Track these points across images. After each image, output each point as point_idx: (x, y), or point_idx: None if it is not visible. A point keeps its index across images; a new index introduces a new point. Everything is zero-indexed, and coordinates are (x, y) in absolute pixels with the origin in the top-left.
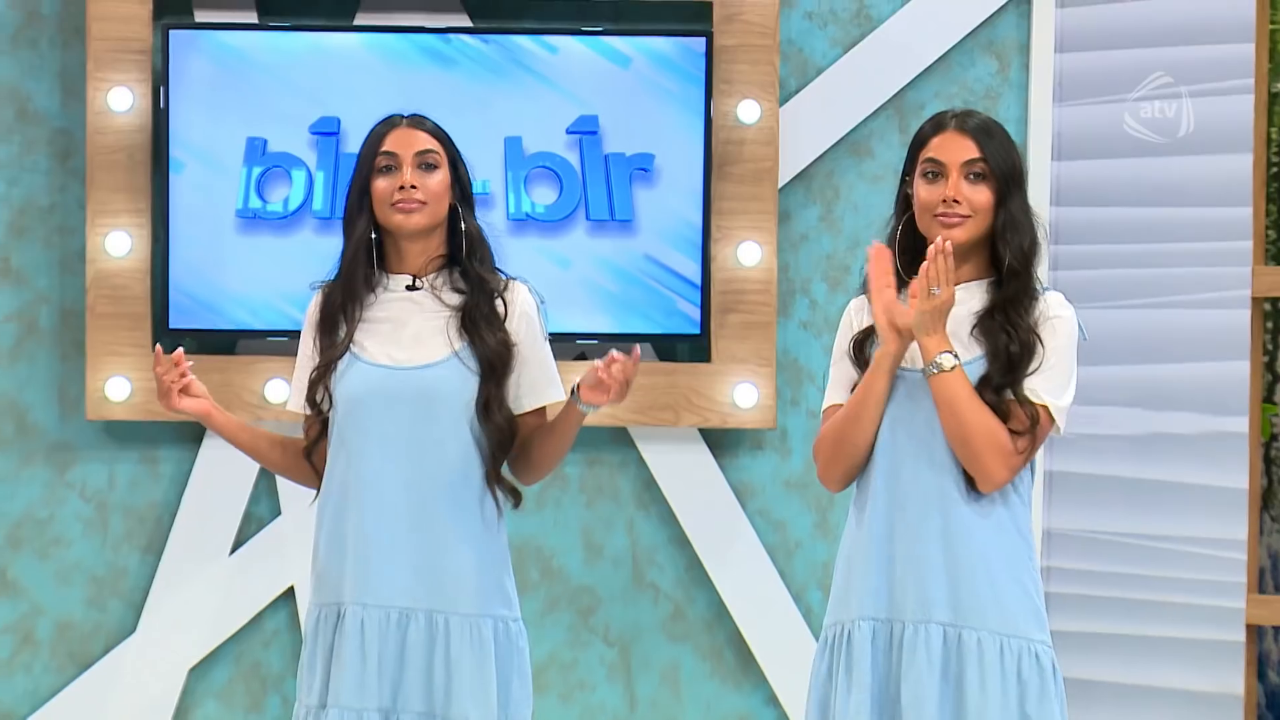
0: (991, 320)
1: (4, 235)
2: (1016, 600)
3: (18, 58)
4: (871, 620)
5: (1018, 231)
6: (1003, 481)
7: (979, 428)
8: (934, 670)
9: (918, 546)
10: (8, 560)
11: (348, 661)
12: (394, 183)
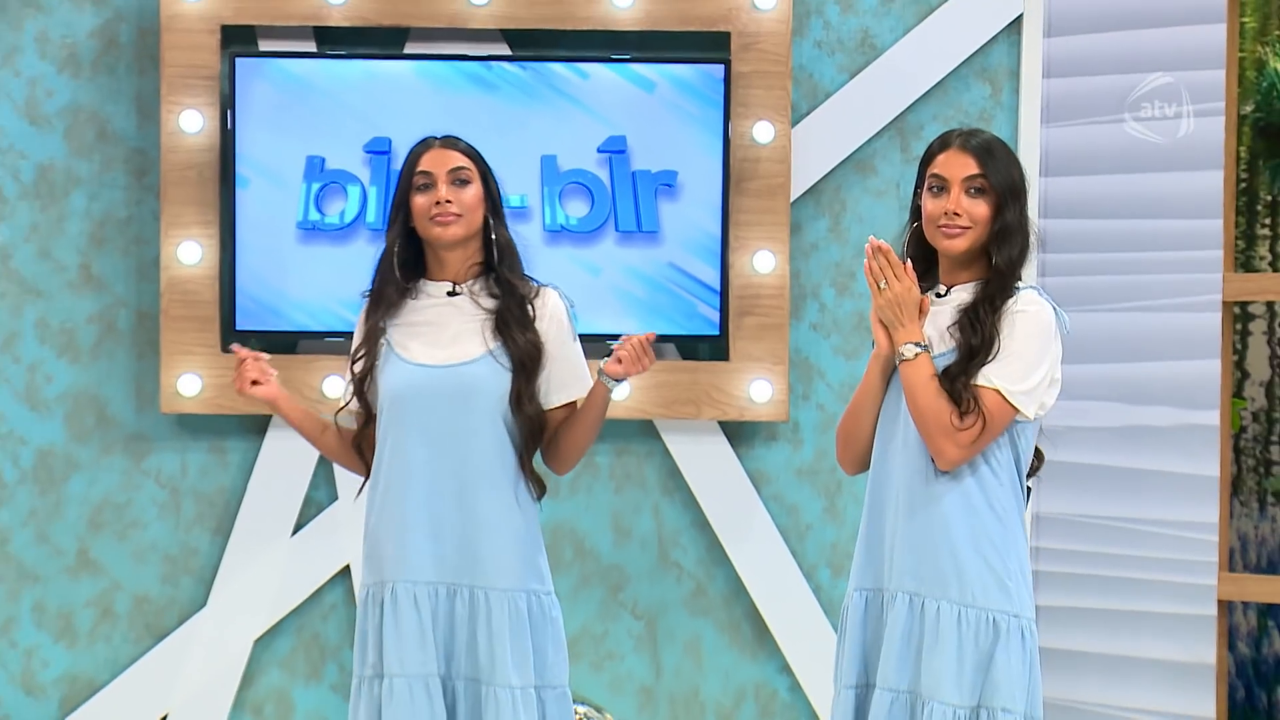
0: (965, 317)
1: (86, 245)
2: (977, 572)
3: (98, 84)
4: (864, 590)
5: (1009, 242)
6: (955, 460)
7: (928, 410)
8: (902, 634)
9: (893, 522)
10: (89, 541)
11: (403, 633)
12: (431, 198)
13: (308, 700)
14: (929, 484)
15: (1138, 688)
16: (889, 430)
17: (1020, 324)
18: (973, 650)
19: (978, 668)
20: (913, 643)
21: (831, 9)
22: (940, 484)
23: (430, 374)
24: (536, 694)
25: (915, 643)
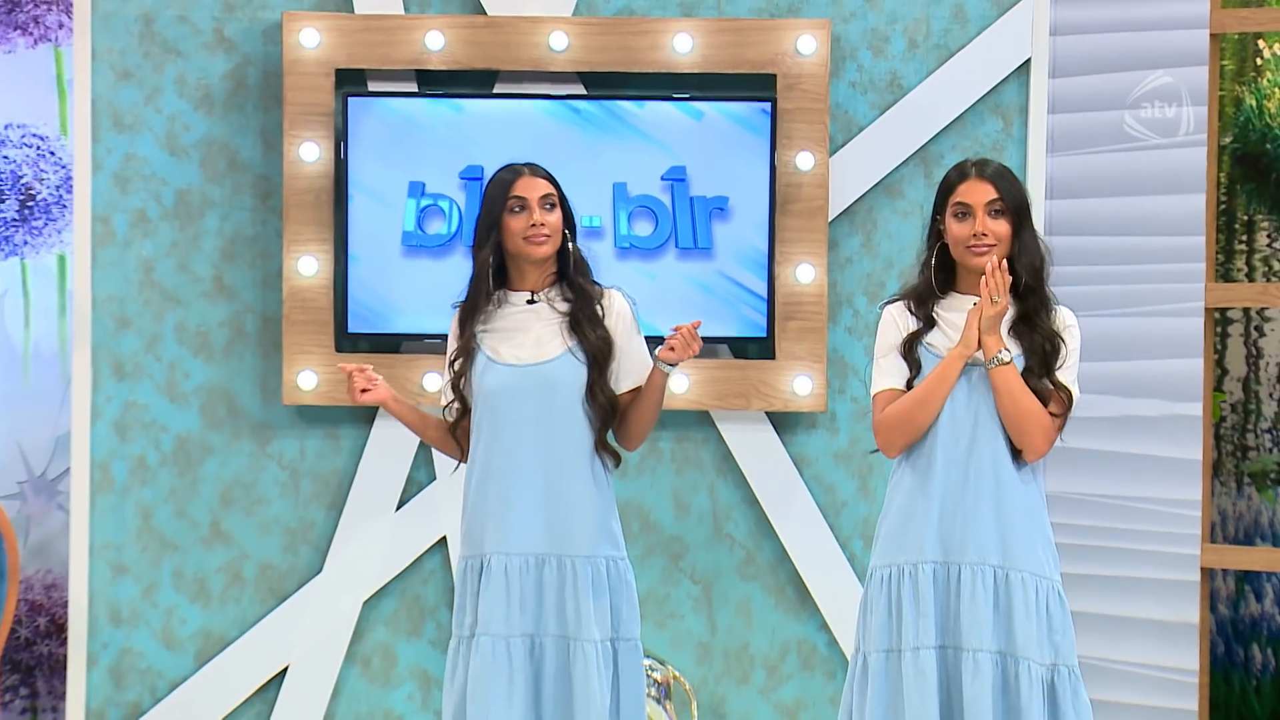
0: (1024, 326)
1: (218, 259)
2: (1043, 549)
3: (228, 120)
4: (932, 563)
5: (1030, 254)
6: (1044, 452)
7: (1032, 409)
8: (988, 603)
9: (973, 505)
10: (220, 515)
11: (496, 599)
12: (526, 220)
13: (409, 654)
14: (1012, 472)
15: (1131, 644)
16: (958, 423)
17: (1070, 337)
18: (1044, 615)
19: (1048, 629)
20: (1000, 608)
21: (864, 54)
22: (1022, 473)
23: (518, 373)
24: (612, 646)
25: (1005, 609)
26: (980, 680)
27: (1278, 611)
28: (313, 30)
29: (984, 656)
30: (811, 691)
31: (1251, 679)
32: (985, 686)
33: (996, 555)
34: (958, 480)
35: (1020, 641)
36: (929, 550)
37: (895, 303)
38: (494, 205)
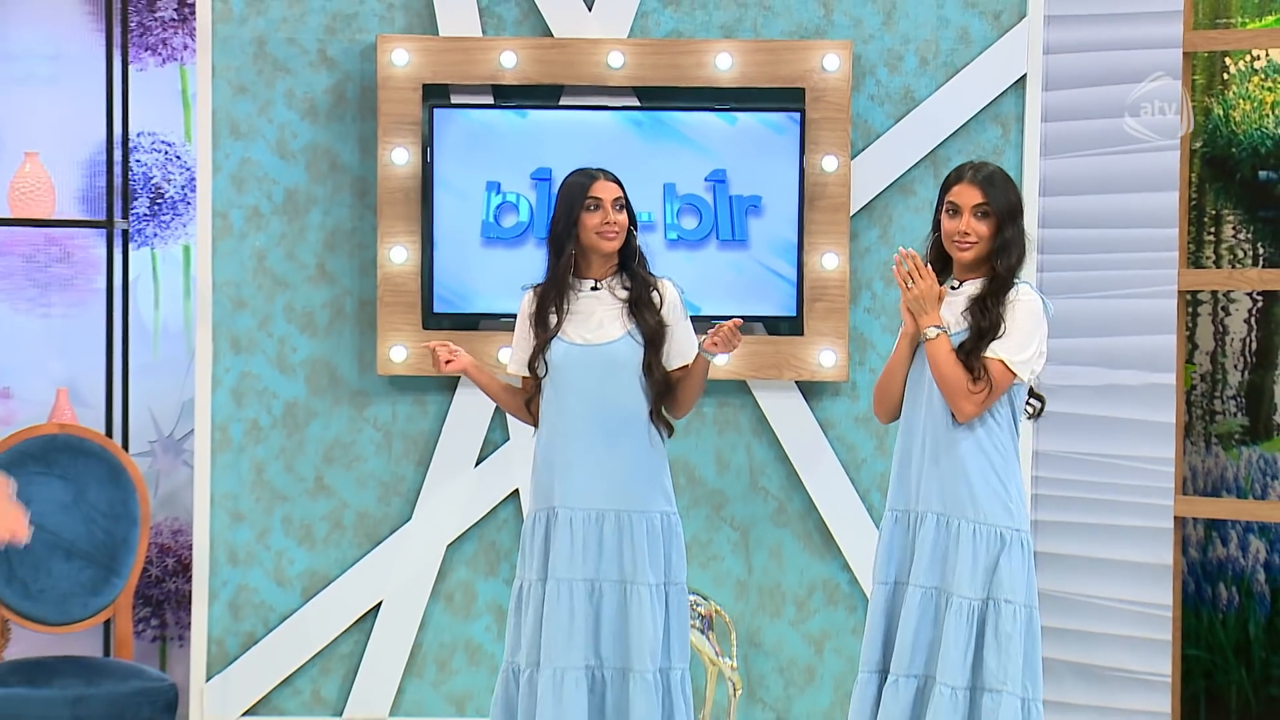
0: (977, 307)
1: (321, 249)
2: (986, 498)
3: (330, 128)
4: (896, 511)
5: (1008, 253)
6: (971, 414)
7: (950, 377)
8: (928, 545)
9: (919, 460)
10: (323, 470)
11: (561, 547)
12: (600, 218)
13: (486, 591)
14: (950, 432)
15: (1114, 582)
16: (915, 392)
17: (1018, 310)
18: (984, 556)
19: (987, 569)
20: (939, 551)
21: (881, 71)
22: (958, 432)
23: (585, 351)
24: (664, 589)
25: (941, 551)
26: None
27: (1241, 555)
28: (403, 50)
29: (918, 591)
30: (835, 623)
31: (1218, 613)
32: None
33: (938, 503)
34: (914, 441)
35: (950, 577)
36: (896, 500)
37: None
38: (573, 204)
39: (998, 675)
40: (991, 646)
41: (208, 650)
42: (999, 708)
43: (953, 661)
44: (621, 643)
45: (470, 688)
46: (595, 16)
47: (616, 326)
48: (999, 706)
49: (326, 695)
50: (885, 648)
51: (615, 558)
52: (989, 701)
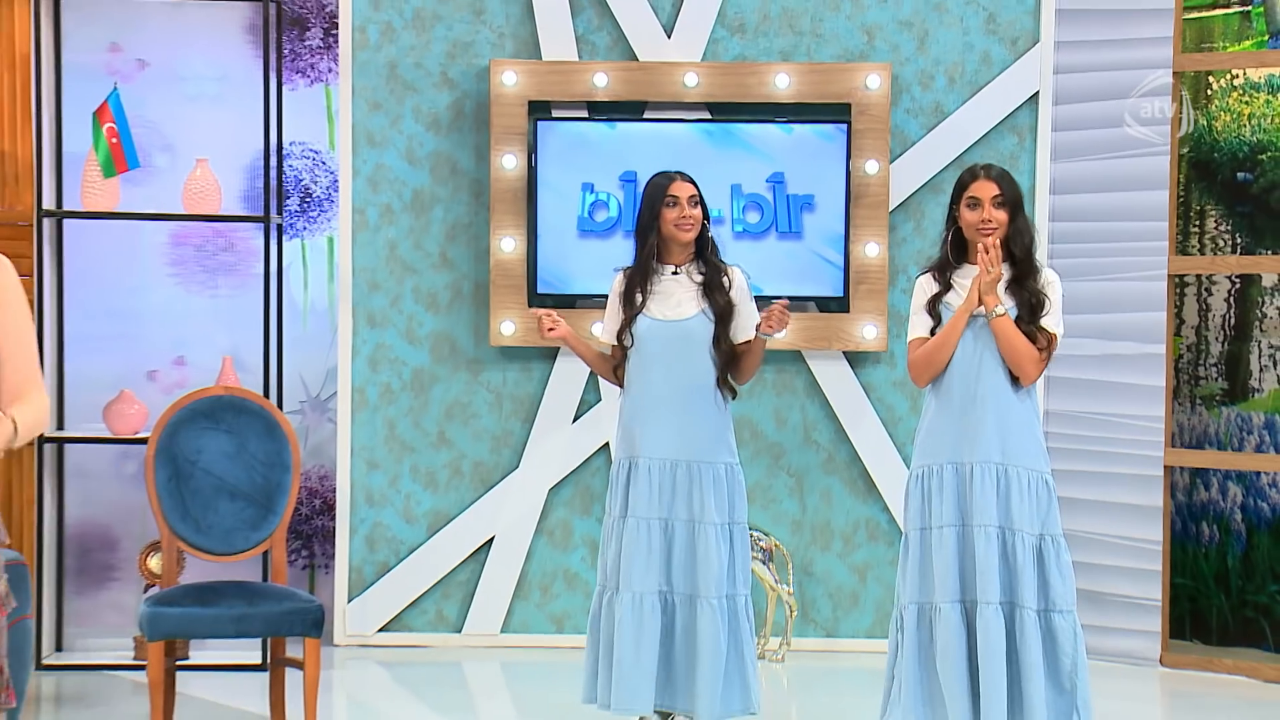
0: (1017, 286)
1: (443, 240)
2: (1034, 450)
3: (450, 138)
4: (953, 463)
5: (1022, 235)
6: (1035, 378)
7: (1024, 348)
8: (992, 489)
9: (981, 417)
10: (445, 426)
11: (640, 491)
12: (678, 213)
13: (581, 527)
14: (1011, 395)
15: (1112, 521)
16: (972, 361)
17: (1053, 293)
18: (1038, 498)
19: (1041, 510)
20: (1002, 495)
21: (915, 89)
22: (1018, 395)
23: (664, 326)
24: (729, 528)
25: (1004, 495)
26: (989, 547)
27: (1221, 498)
28: (512, 72)
29: (991, 530)
30: (876, 555)
31: (1201, 548)
32: (992, 551)
33: (998, 455)
34: (969, 402)
35: (1015, 518)
36: (948, 454)
37: (925, 273)
38: (655, 201)
39: (1065, 598)
40: (1055, 574)
41: (348, 577)
42: (1067, 625)
43: (1028, 588)
44: (690, 573)
45: (568, 609)
46: (673, 43)
47: (692, 306)
48: (1066, 624)
49: (448, 615)
50: (962, 581)
51: (685, 501)
52: (1059, 620)
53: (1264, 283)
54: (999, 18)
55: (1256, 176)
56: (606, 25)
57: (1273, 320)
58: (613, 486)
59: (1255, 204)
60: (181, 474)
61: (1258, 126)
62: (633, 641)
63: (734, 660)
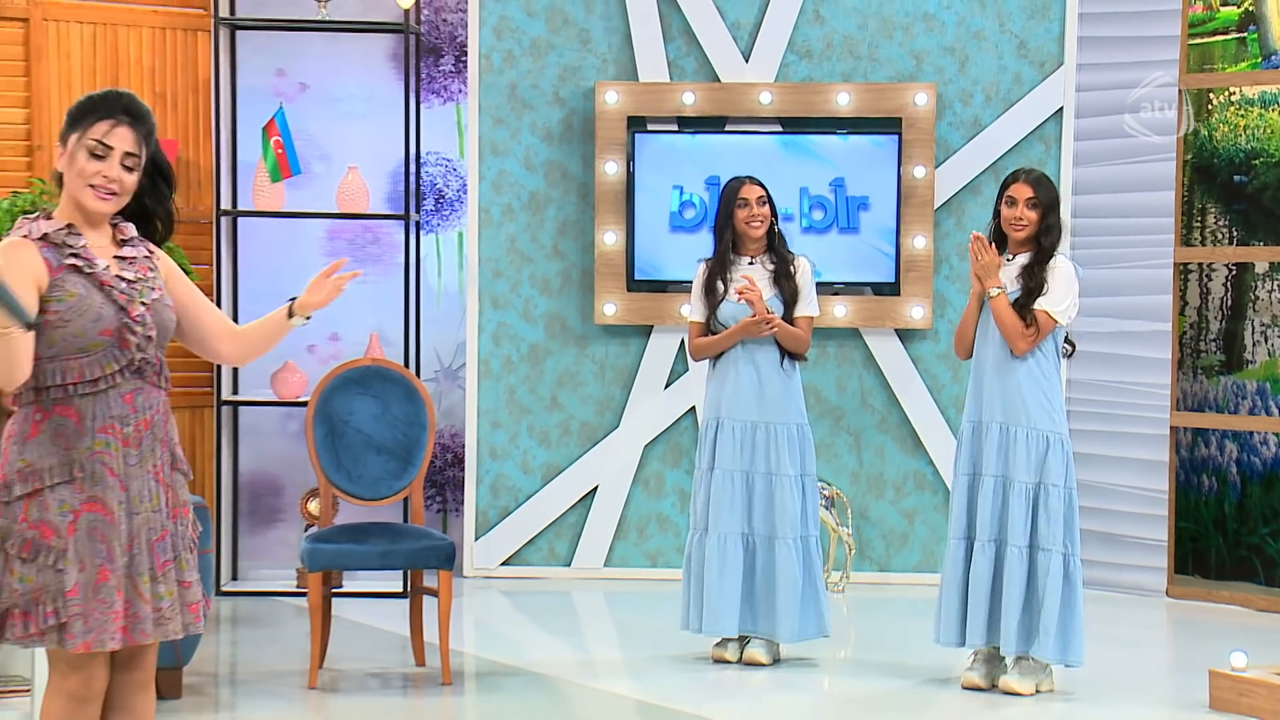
0: (1028, 272)
1: (555, 234)
2: (1035, 409)
3: (561, 148)
4: (971, 422)
5: (1050, 233)
6: (1024, 350)
7: (1008, 324)
8: (994, 444)
9: (990, 384)
10: (556, 392)
11: (724, 448)
12: (748, 213)
13: (672, 478)
14: (1009, 363)
15: (1125, 473)
16: (984, 335)
17: (1056, 274)
18: (1034, 452)
19: (1038, 461)
20: (1002, 449)
21: (957, 104)
22: (1015, 363)
23: (743, 309)
24: (801, 479)
25: (1004, 449)
26: (986, 493)
27: (1219, 454)
28: (614, 92)
29: (990, 479)
30: (922, 503)
31: (1201, 496)
32: (990, 497)
33: (1000, 415)
34: (984, 370)
35: (1011, 468)
36: (969, 414)
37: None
38: (729, 203)
39: (1047, 538)
40: (1043, 517)
41: (475, 519)
42: (1049, 561)
43: (1017, 528)
44: (768, 517)
45: (660, 547)
46: (750, 67)
47: (765, 290)
48: (1049, 561)
49: (559, 551)
50: (969, 520)
51: (764, 456)
52: (1042, 558)
53: (1256, 270)
54: (1029, 44)
55: (1250, 179)
56: (694, 51)
57: (1264, 302)
58: (701, 443)
59: (1249, 202)
60: (336, 432)
61: (1252, 136)
62: (718, 575)
63: (809, 591)
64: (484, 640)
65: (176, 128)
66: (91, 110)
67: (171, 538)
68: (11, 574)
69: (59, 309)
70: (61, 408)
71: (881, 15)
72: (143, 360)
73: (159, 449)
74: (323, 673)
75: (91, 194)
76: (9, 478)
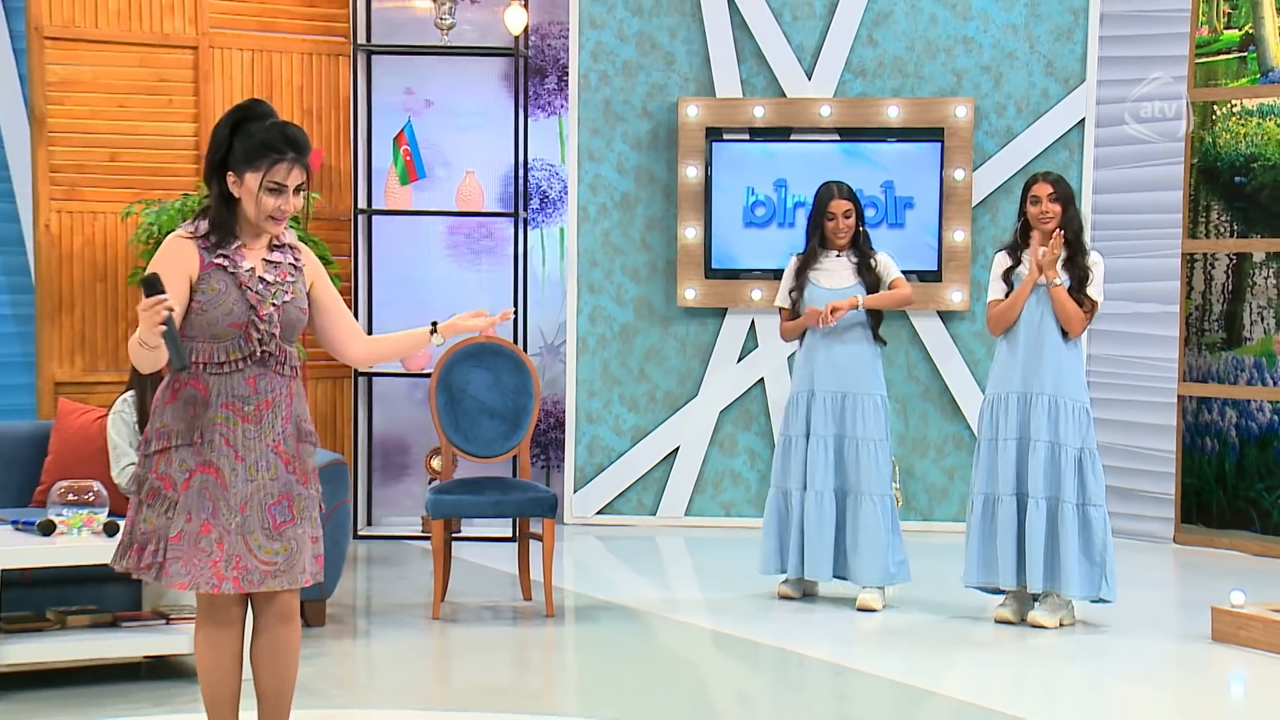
0: (1069, 263)
1: (644, 230)
2: (1077, 386)
3: (648, 155)
4: (1018, 393)
5: (1072, 224)
6: (1079, 333)
7: (1073, 311)
8: (1044, 413)
9: (1039, 360)
10: (644, 365)
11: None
12: (834, 225)
13: (743, 439)
14: (1062, 344)
15: (1138, 436)
16: (1035, 319)
17: (1096, 269)
18: (1079, 421)
19: (1081, 430)
20: (1052, 418)
21: (992, 115)
22: (1066, 344)
23: (829, 294)
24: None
25: (1054, 417)
26: (1040, 456)
27: (1220, 419)
28: (694, 106)
29: (1043, 445)
30: (960, 461)
31: (1205, 456)
32: (1041, 459)
33: (1051, 388)
34: (1031, 349)
35: (1061, 435)
36: (1016, 386)
37: (1000, 251)
38: (820, 211)
39: (1096, 494)
40: (1091, 474)
41: (574, 474)
42: (1099, 515)
43: (1069, 484)
44: (855, 476)
45: (732, 499)
46: (812, 84)
47: (850, 279)
48: (1098, 515)
49: (645, 502)
50: (1018, 478)
51: (851, 423)
52: (1093, 512)
53: (1254, 259)
54: (1055, 63)
55: (1249, 180)
56: (763, 71)
57: (1260, 287)
58: (791, 412)
59: (1248, 200)
60: (455, 399)
61: (1251, 143)
62: (816, 526)
63: (894, 541)
64: (581, 578)
65: (321, 138)
66: (270, 150)
67: (294, 500)
68: (140, 514)
69: (201, 299)
70: (195, 382)
71: (926, 39)
72: (265, 352)
73: (280, 425)
74: (444, 605)
75: (273, 224)
76: (150, 435)
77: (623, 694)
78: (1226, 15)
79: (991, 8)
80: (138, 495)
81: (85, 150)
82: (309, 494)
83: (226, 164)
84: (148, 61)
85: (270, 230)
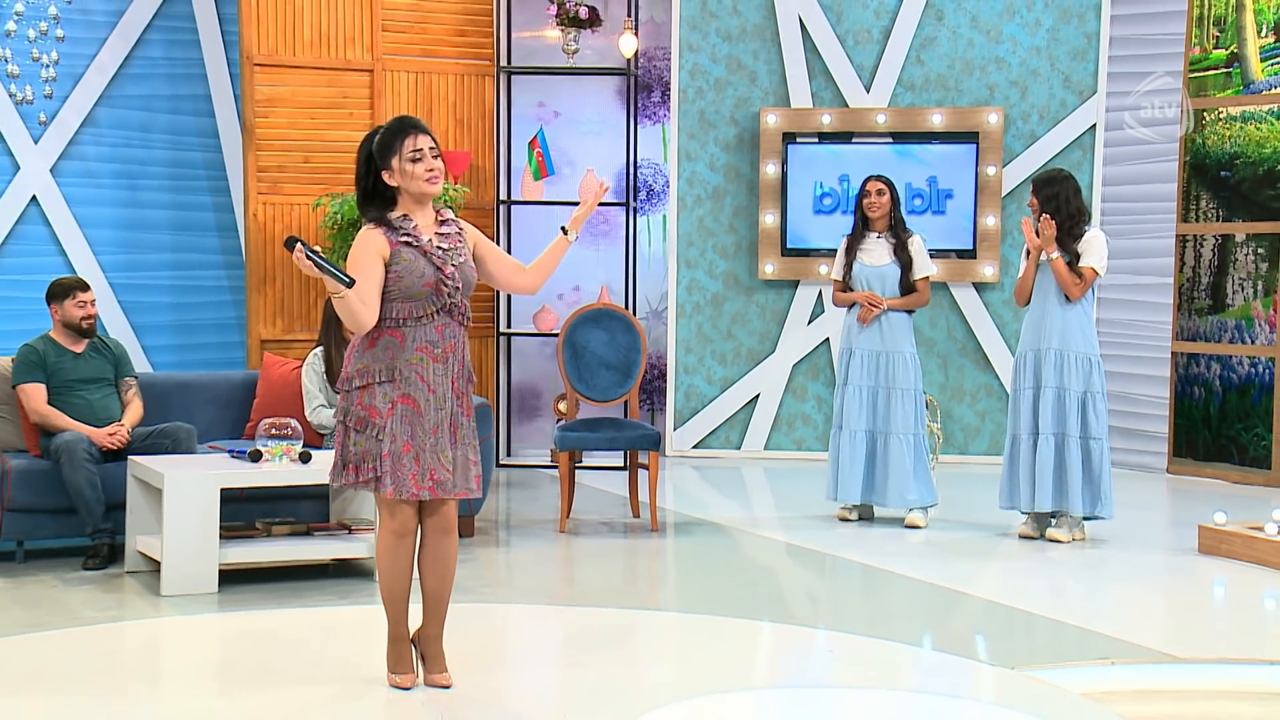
0: (1068, 239)
1: (730, 219)
2: (1083, 339)
3: (734, 155)
4: (1032, 350)
5: (1058, 211)
6: (1078, 296)
7: (1067, 278)
8: (1051, 366)
9: (1048, 319)
10: (730, 328)
11: (854, 370)
12: (869, 200)
13: (813, 388)
14: (1065, 306)
15: (1137, 385)
16: (1044, 287)
17: (1092, 241)
18: (1083, 369)
19: (1085, 375)
20: (1059, 367)
21: (1019, 122)
22: (1069, 306)
23: (870, 270)
24: (913, 393)
25: (1060, 367)
26: (1045, 400)
27: (1206, 371)
28: (773, 115)
29: (1050, 390)
30: (990, 406)
31: (1194, 402)
32: (1049, 402)
33: (1058, 343)
34: (1040, 312)
35: (1066, 382)
36: (1030, 344)
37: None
38: (861, 193)
39: (1097, 430)
40: (1092, 414)
41: (674, 416)
42: (1101, 448)
43: (1072, 422)
44: (887, 418)
45: (803, 436)
46: (870, 96)
47: (887, 257)
48: (1100, 447)
49: (732, 438)
50: (1034, 419)
51: (885, 376)
52: (1094, 446)
53: (1236, 239)
54: (1072, 78)
55: (1233, 174)
56: (830, 85)
57: (1241, 263)
58: (840, 366)
59: (1232, 191)
60: (578, 354)
61: (1234, 143)
62: (849, 459)
63: (920, 471)
64: (679, 500)
65: (470, 143)
66: (395, 135)
67: (462, 428)
68: (349, 439)
69: (397, 269)
70: (392, 331)
71: (965, 58)
72: (451, 304)
73: (457, 366)
74: (568, 521)
75: (427, 184)
76: (350, 374)
77: (713, 594)
78: (1215, 38)
79: (1019, 33)
80: (344, 424)
81: (284, 154)
82: (471, 425)
83: (377, 171)
84: (334, 82)
85: (430, 191)
